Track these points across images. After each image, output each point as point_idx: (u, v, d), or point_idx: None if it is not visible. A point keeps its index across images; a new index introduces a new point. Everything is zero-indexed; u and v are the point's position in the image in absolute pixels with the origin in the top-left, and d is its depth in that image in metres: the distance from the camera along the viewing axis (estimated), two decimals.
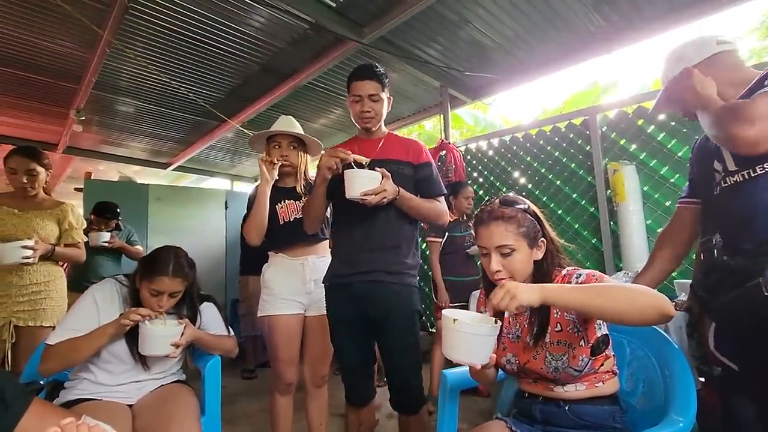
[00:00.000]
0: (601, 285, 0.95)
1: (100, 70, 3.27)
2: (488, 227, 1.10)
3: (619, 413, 1.07)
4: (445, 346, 0.99)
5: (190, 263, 1.53)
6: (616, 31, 2.85)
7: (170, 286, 1.44)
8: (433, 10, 2.63)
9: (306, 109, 4.30)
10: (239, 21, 2.77)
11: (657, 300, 0.89)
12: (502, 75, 3.50)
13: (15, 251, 1.91)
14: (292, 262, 1.86)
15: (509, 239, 1.07)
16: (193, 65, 3.34)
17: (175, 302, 1.50)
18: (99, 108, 4.14)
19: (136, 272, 1.49)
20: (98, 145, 5.44)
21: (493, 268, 1.08)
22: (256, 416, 2.70)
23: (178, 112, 4.35)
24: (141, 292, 1.46)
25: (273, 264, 1.90)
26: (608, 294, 0.90)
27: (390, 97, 1.68)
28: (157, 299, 1.43)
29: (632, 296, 0.90)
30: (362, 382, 1.67)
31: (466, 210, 2.92)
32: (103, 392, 1.40)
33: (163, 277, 1.42)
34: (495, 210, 1.11)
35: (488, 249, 1.10)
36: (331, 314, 1.67)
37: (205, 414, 1.52)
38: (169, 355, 1.39)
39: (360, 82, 1.59)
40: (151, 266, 1.45)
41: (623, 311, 0.89)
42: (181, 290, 1.49)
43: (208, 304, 1.67)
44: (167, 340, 1.37)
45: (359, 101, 1.60)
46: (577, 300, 0.91)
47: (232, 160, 6.32)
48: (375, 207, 1.49)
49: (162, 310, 1.44)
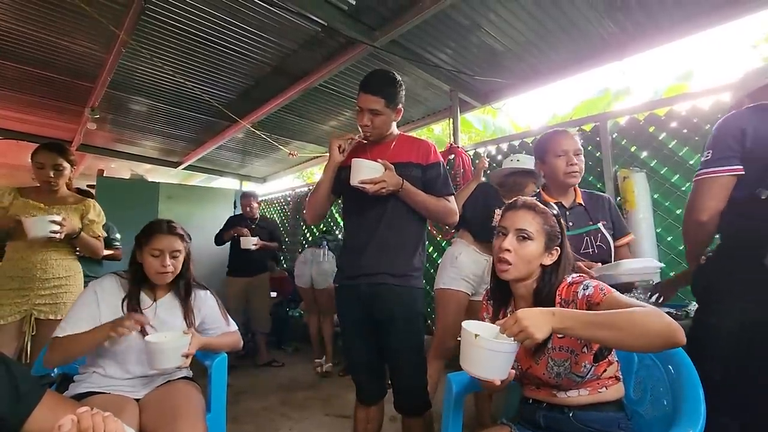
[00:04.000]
0: (612, 315, 0.89)
1: (115, 69, 3.32)
2: (517, 212, 1.13)
3: (624, 420, 1.06)
4: (465, 360, 0.96)
5: (183, 229, 1.59)
6: (629, 38, 2.83)
7: (169, 243, 1.49)
8: (446, 14, 2.64)
9: (317, 111, 4.33)
10: (252, 23, 2.81)
11: (669, 330, 0.86)
12: (513, 80, 3.50)
13: (44, 225, 1.94)
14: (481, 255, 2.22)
15: (532, 227, 1.10)
16: (206, 66, 3.38)
17: (178, 266, 1.53)
18: (113, 107, 4.21)
19: (135, 249, 1.54)
20: (111, 143, 5.53)
21: (505, 245, 1.09)
22: (261, 415, 2.71)
23: (191, 112, 4.41)
24: (144, 260, 1.49)
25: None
26: (620, 327, 0.87)
27: (400, 109, 1.66)
28: (159, 260, 1.47)
29: (645, 329, 0.86)
30: (373, 380, 1.68)
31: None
32: (111, 386, 1.43)
33: (159, 235, 1.49)
34: (529, 201, 1.15)
35: (508, 229, 1.12)
36: (341, 314, 1.71)
37: (211, 411, 1.54)
38: (180, 366, 1.40)
39: (364, 95, 1.60)
40: (147, 230, 1.52)
41: (634, 344, 0.89)
42: (180, 250, 1.53)
43: (208, 296, 1.68)
44: (177, 353, 1.37)
45: (360, 112, 1.62)
46: (590, 334, 0.89)
47: (242, 161, 6.38)
48: (381, 203, 1.56)
49: (168, 270, 1.48)
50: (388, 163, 1.52)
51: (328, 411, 2.75)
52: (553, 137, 1.67)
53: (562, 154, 1.62)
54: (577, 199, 1.68)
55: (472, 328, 0.96)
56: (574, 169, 1.61)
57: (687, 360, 1.10)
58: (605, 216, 1.67)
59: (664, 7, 2.53)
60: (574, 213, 1.66)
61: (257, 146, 5.58)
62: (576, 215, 1.65)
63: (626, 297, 0.98)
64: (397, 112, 1.65)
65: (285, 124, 4.68)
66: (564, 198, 1.69)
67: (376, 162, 1.52)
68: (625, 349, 0.91)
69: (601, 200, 1.72)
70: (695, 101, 2.61)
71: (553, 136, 1.68)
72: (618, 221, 1.70)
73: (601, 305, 0.98)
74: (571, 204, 1.68)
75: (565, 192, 1.69)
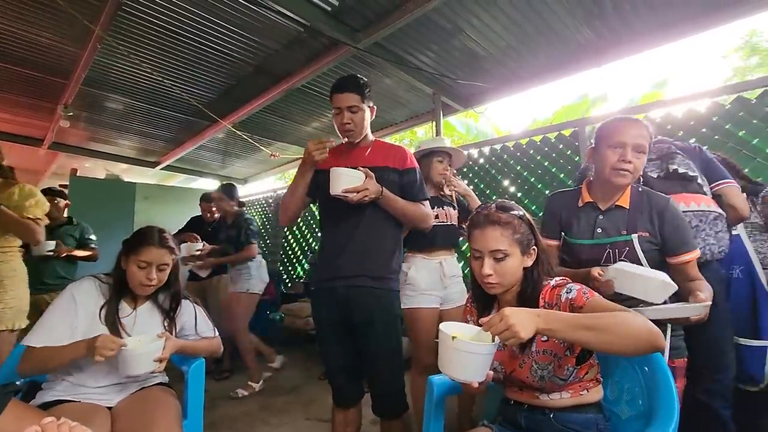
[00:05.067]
0: (597, 319, 0.90)
1: (90, 66, 3.23)
2: (484, 231, 1.10)
3: (602, 421, 1.08)
4: (442, 362, 0.95)
5: (173, 239, 1.54)
6: (607, 45, 2.90)
7: (158, 257, 1.44)
8: (428, 18, 2.66)
9: (299, 112, 4.30)
10: (233, 21, 2.76)
11: (651, 335, 0.88)
12: (494, 84, 3.54)
13: None
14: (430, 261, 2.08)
15: (504, 244, 1.07)
16: (185, 64, 3.32)
17: (164, 279, 1.49)
18: (87, 104, 4.09)
19: (121, 254, 1.48)
20: (85, 142, 5.37)
21: (485, 272, 1.08)
22: (240, 420, 2.66)
23: (169, 111, 4.32)
24: (128, 269, 1.44)
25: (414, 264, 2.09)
26: (604, 329, 0.88)
27: (373, 107, 1.69)
28: (145, 272, 1.42)
29: (628, 332, 0.88)
30: (350, 383, 1.67)
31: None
32: (81, 394, 1.37)
33: (150, 247, 1.43)
34: (492, 214, 1.11)
35: (482, 252, 1.10)
36: (316, 317, 1.70)
37: (187, 418, 1.50)
38: (154, 371, 1.35)
39: (339, 95, 1.60)
40: (137, 239, 1.46)
41: (617, 347, 0.90)
42: (168, 264, 1.48)
43: (187, 303, 1.64)
44: (150, 357, 1.32)
45: (339, 113, 1.62)
46: (572, 337, 0.90)
47: (222, 161, 6.28)
48: (359, 208, 1.55)
49: (152, 283, 1.43)
50: (368, 171, 1.52)
51: (309, 415, 2.72)
52: (614, 124, 1.36)
53: (617, 146, 1.32)
54: (621, 200, 1.38)
55: (449, 329, 0.96)
56: (625, 167, 1.30)
57: (662, 361, 1.12)
58: (651, 225, 1.34)
59: (639, 15, 2.60)
60: (608, 218, 1.39)
61: (238, 147, 5.51)
62: (609, 221, 1.38)
63: (609, 301, 1.00)
64: (371, 110, 1.68)
65: (267, 125, 4.63)
66: (604, 198, 1.41)
67: (356, 170, 1.51)
68: (608, 352, 0.91)
69: (657, 203, 1.36)
70: (669, 108, 2.70)
71: (615, 122, 1.37)
72: (677, 233, 1.32)
73: (584, 309, 0.99)
74: (608, 206, 1.40)
75: (609, 191, 1.40)
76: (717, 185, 1.58)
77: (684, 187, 1.53)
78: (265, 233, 6.77)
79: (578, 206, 1.46)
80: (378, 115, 1.76)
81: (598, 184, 1.43)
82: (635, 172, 1.32)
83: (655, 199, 1.36)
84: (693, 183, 1.55)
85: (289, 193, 1.70)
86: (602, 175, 1.37)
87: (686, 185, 1.54)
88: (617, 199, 1.38)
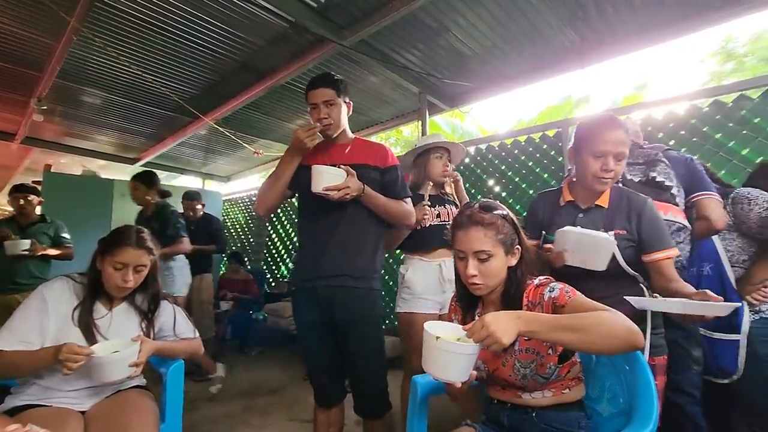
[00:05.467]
0: (578, 320, 0.92)
1: (65, 58, 3.12)
2: (467, 231, 1.10)
3: (584, 419, 1.09)
4: (426, 362, 0.95)
5: (153, 240, 1.48)
6: (590, 47, 2.94)
7: (135, 258, 1.39)
8: (414, 16, 2.65)
9: (283, 109, 4.25)
10: (217, 16, 2.71)
11: (631, 334, 0.90)
12: (480, 84, 3.56)
13: None
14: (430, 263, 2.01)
15: (487, 245, 1.07)
16: (167, 58, 3.23)
17: (140, 280, 1.43)
18: (63, 98, 3.95)
19: (96, 254, 1.42)
20: (61, 137, 5.20)
21: (470, 273, 1.08)
22: (221, 422, 2.61)
23: (149, 106, 4.21)
24: (104, 270, 1.38)
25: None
26: (584, 330, 0.89)
27: (349, 103, 1.69)
28: (122, 273, 1.37)
29: (609, 332, 0.89)
30: (332, 383, 1.66)
31: None
32: (53, 398, 1.31)
33: (127, 248, 1.38)
34: (475, 215, 1.11)
35: (465, 253, 1.10)
36: (297, 317, 1.68)
37: (165, 421, 1.46)
38: (130, 376, 1.30)
39: (313, 91, 1.60)
40: (113, 239, 1.40)
41: (598, 347, 0.91)
42: (146, 264, 1.43)
43: (166, 304, 1.59)
44: (125, 363, 1.27)
45: (315, 108, 1.61)
46: (554, 338, 0.91)
47: (204, 158, 6.17)
48: (340, 206, 1.55)
49: (129, 285, 1.38)
50: (350, 168, 1.52)
51: (293, 416, 2.69)
52: (597, 129, 1.32)
53: (598, 154, 1.31)
54: (601, 200, 1.39)
55: (434, 329, 0.95)
56: (606, 176, 1.31)
57: (642, 359, 1.13)
58: (629, 224, 1.34)
59: (621, 19, 2.65)
60: (588, 217, 1.40)
61: (221, 144, 5.42)
62: (588, 219, 1.39)
63: (591, 300, 1.00)
64: (348, 105, 1.67)
65: (250, 122, 4.56)
66: (584, 198, 1.43)
67: (337, 168, 1.50)
68: (589, 351, 0.93)
69: (636, 203, 1.36)
70: (649, 111, 2.75)
71: (598, 127, 1.33)
72: (653, 232, 1.32)
73: (566, 308, 1.01)
74: (588, 205, 1.41)
75: (590, 193, 1.41)
76: (696, 196, 1.63)
77: (657, 195, 1.55)
78: (248, 231, 6.68)
79: (560, 205, 1.49)
80: (363, 114, 1.75)
81: (579, 185, 1.44)
82: (616, 177, 1.34)
83: (633, 198, 1.38)
84: (666, 192, 1.58)
85: (271, 180, 1.66)
86: (584, 181, 1.39)
87: (660, 194, 1.57)
88: (596, 199, 1.40)
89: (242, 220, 6.87)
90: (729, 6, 2.44)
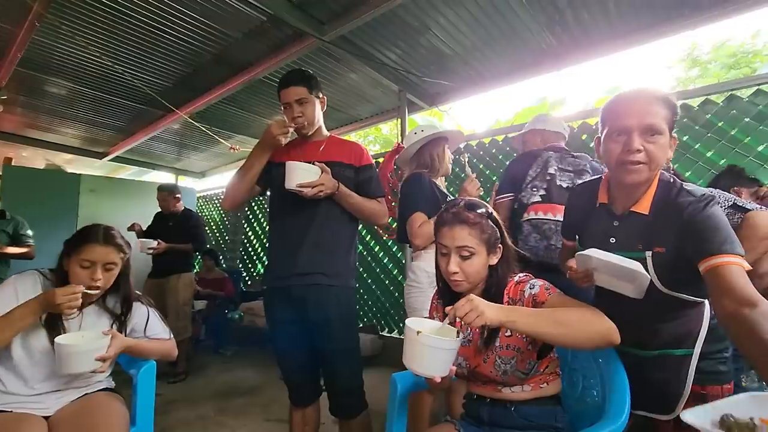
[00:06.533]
0: (558, 313, 0.96)
1: (27, 45, 2.95)
2: (452, 229, 1.10)
3: (560, 413, 1.11)
4: (407, 357, 0.96)
5: (123, 237, 1.42)
6: (566, 50, 3.01)
7: (103, 255, 1.32)
8: (395, 13, 2.64)
9: (261, 104, 4.16)
10: (191, 5, 2.61)
11: (606, 330, 0.95)
12: (459, 83, 3.58)
13: None
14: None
15: (471, 242, 1.09)
16: (138, 49, 3.11)
17: (111, 279, 1.36)
18: (25, 88, 3.75)
19: (62, 254, 1.35)
20: (22, 129, 4.93)
21: (452, 269, 1.09)
22: (195, 424, 2.55)
23: (119, 99, 4.04)
24: (71, 270, 1.31)
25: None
26: (564, 325, 0.94)
27: (323, 97, 1.67)
28: (90, 272, 1.30)
29: (586, 327, 0.94)
30: (307, 382, 1.64)
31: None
32: (14, 403, 1.25)
33: (93, 245, 1.31)
34: (461, 213, 1.11)
35: (449, 249, 1.11)
36: (269, 316, 1.64)
37: (136, 425, 1.41)
38: (96, 370, 1.24)
39: (285, 90, 1.59)
40: (79, 237, 1.34)
41: (575, 341, 0.95)
42: (116, 263, 1.36)
43: (139, 305, 1.53)
44: (91, 355, 1.21)
45: (289, 107, 1.59)
46: (534, 329, 0.94)
47: (177, 154, 5.98)
48: (314, 204, 1.53)
49: (98, 284, 1.30)
50: (324, 166, 1.50)
51: (269, 416, 2.65)
52: (614, 102, 1.06)
53: (618, 132, 1.01)
54: (640, 204, 1.06)
55: (415, 325, 0.96)
56: (632, 158, 0.98)
57: (613, 353, 1.16)
58: (670, 239, 1.00)
59: (596, 23, 2.72)
60: (624, 226, 1.09)
61: (195, 139, 5.26)
62: (624, 230, 1.09)
63: (570, 298, 1.03)
64: (321, 102, 1.66)
65: (226, 117, 4.45)
66: (620, 199, 1.11)
67: (312, 165, 1.49)
68: (566, 345, 0.96)
69: (679, 206, 1.00)
70: None
71: (615, 100, 1.07)
72: (706, 234, 0.94)
73: (545, 304, 1.03)
74: (624, 210, 1.09)
75: (624, 191, 1.09)
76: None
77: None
78: (224, 229, 6.53)
79: (595, 206, 1.19)
80: (343, 111, 1.74)
81: (613, 183, 1.14)
82: (651, 162, 0.98)
83: (680, 200, 1.00)
84: None
85: (239, 174, 1.62)
86: (613, 175, 1.10)
87: None
88: (635, 203, 1.07)
89: (217, 217, 6.72)
90: (696, 15, 2.53)
